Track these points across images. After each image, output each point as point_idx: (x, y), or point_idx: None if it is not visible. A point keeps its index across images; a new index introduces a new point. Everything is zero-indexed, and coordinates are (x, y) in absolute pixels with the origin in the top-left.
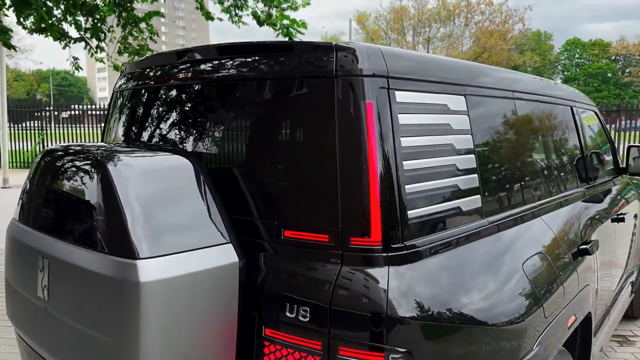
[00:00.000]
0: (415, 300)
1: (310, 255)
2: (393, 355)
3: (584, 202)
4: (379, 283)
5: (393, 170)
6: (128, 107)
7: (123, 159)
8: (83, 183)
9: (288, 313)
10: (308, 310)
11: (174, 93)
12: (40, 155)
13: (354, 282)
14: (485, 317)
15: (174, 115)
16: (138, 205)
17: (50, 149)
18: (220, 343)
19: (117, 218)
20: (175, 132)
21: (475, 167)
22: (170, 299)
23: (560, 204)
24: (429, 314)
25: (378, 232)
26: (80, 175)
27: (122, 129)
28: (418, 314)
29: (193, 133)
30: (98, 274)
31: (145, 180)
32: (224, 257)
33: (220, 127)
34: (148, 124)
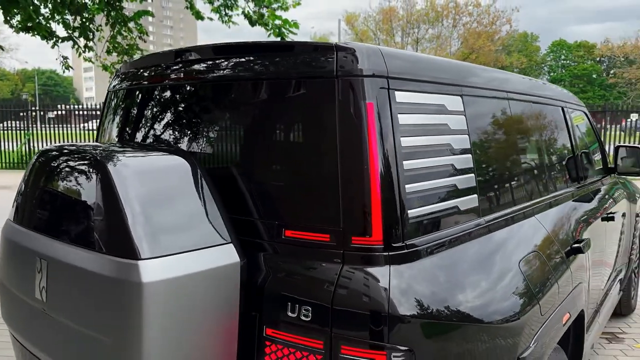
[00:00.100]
0: (416, 299)
1: (311, 255)
2: (395, 354)
3: (576, 201)
4: (380, 282)
5: (393, 170)
6: (125, 107)
7: (123, 159)
8: (83, 183)
9: (289, 313)
10: (310, 310)
11: (173, 93)
12: (36, 156)
13: (356, 281)
14: (484, 314)
15: (173, 116)
16: (139, 206)
17: (47, 149)
18: (222, 343)
19: (118, 218)
20: (175, 132)
21: (472, 166)
22: (172, 300)
23: (553, 203)
24: (430, 312)
25: (379, 231)
26: (80, 176)
27: (119, 129)
28: (419, 313)
29: (193, 133)
30: (99, 275)
31: (146, 180)
32: (225, 257)
33: (221, 127)
34: (147, 124)
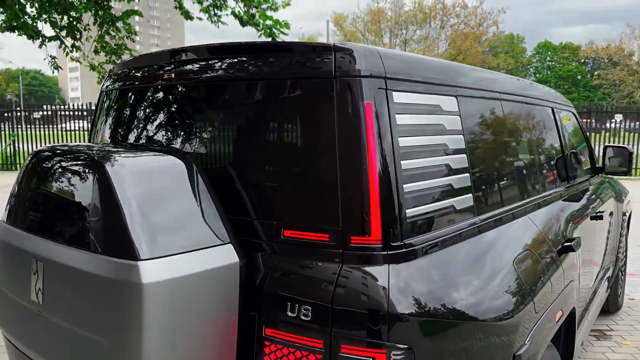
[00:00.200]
0: (415, 298)
1: (311, 255)
2: (394, 352)
3: (566, 200)
4: (380, 281)
5: (391, 170)
6: (121, 107)
7: (122, 160)
8: (80, 184)
9: (289, 312)
10: (309, 310)
11: (171, 93)
12: (31, 157)
13: (355, 280)
14: (481, 312)
15: (171, 116)
16: (138, 206)
17: (41, 150)
18: (221, 344)
19: (117, 219)
20: (173, 132)
21: (467, 166)
22: (172, 300)
23: (545, 203)
24: (429, 311)
25: (378, 230)
26: (77, 176)
27: (115, 130)
28: (418, 311)
29: (191, 134)
30: (97, 276)
31: (145, 181)
32: (224, 257)
33: (219, 127)
34: (144, 125)
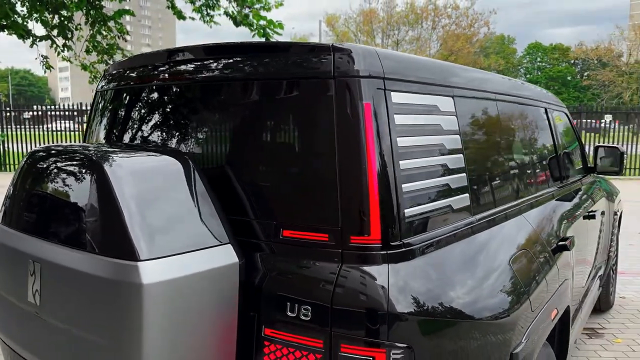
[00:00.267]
0: (414, 297)
1: (310, 255)
2: (394, 351)
3: (560, 200)
4: (379, 281)
5: (390, 170)
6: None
7: (120, 160)
8: (78, 184)
9: (288, 312)
10: (309, 309)
11: (168, 94)
12: (27, 157)
13: (355, 280)
14: (479, 311)
15: (170, 116)
16: (138, 206)
17: (37, 150)
18: (221, 344)
19: (117, 220)
20: (171, 133)
21: (464, 166)
22: (172, 301)
23: (540, 202)
24: (428, 310)
25: (377, 230)
26: (75, 177)
27: (113, 130)
28: (417, 310)
29: (190, 134)
30: (97, 277)
31: (144, 181)
32: (224, 257)
33: (217, 127)
34: (143, 125)
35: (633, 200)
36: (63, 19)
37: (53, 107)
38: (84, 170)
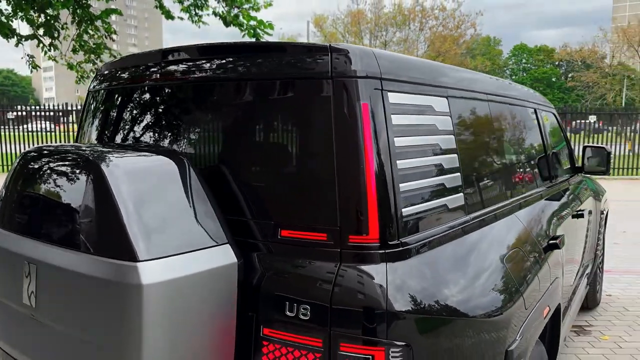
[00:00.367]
0: (412, 295)
1: (308, 254)
2: (393, 349)
3: (550, 199)
4: (378, 279)
5: (388, 169)
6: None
7: (117, 160)
8: (75, 185)
9: (287, 312)
10: (308, 309)
11: (166, 93)
12: (20, 158)
13: (353, 279)
14: (476, 309)
15: (167, 116)
16: (136, 207)
17: (30, 151)
18: (219, 344)
19: (115, 220)
20: (169, 133)
21: (458, 166)
22: (171, 301)
23: (530, 201)
24: (426, 308)
25: (375, 229)
26: (72, 177)
27: (106, 131)
28: (415, 308)
29: (188, 134)
30: (95, 278)
31: (141, 182)
32: (222, 257)
33: (215, 127)
34: (137, 125)
35: (618, 200)
36: (49, 18)
37: (38, 107)
38: (80, 171)
